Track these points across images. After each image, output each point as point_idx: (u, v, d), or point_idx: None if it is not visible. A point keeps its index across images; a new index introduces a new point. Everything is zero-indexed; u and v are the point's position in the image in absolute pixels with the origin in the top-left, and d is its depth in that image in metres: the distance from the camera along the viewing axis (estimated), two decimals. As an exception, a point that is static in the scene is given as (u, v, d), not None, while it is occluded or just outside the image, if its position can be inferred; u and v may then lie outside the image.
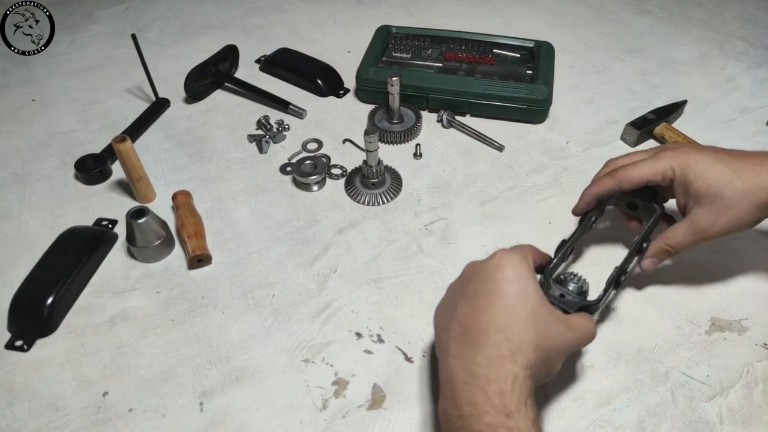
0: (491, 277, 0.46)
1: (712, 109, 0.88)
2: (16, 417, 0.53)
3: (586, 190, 0.60)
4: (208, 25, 1.10)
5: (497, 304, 0.44)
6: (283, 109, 0.88)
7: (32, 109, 0.90)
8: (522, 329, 0.43)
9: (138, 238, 0.64)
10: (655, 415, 0.52)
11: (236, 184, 0.76)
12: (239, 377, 0.56)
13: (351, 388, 0.55)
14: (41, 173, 0.79)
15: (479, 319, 0.44)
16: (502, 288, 0.45)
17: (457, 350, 0.44)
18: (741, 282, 0.63)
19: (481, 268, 0.47)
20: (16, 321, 0.60)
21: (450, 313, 0.47)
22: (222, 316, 0.61)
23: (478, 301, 0.45)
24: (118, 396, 0.54)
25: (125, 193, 0.75)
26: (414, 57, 0.91)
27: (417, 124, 0.82)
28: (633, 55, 0.99)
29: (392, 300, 0.62)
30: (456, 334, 0.45)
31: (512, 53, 0.91)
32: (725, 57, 0.99)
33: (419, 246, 0.68)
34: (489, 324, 0.43)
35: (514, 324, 0.43)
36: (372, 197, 0.73)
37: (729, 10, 1.12)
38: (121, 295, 0.63)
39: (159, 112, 0.88)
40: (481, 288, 0.46)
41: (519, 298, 0.44)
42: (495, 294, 0.45)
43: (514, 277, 0.45)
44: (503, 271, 0.46)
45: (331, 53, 0.99)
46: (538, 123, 0.85)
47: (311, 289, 0.64)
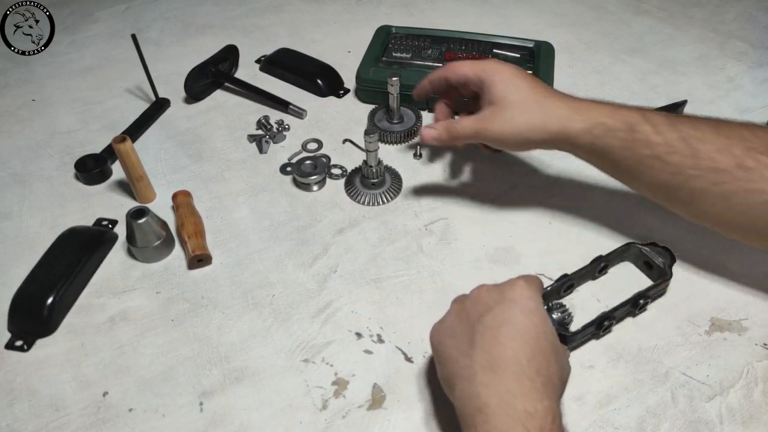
0: (511, 308, 0.45)
1: (712, 109, 0.87)
2: (16, 417, 0.53)
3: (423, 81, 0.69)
4: (208, 25, 1.10)
5: (524, 335, 0.43)
6: (283, 109, 0.88)
7: (32, 109, 0.90)
8: (550, 362, 0.43)
9: (138, 238, 0.64)
10: (655, 415, 0.52)
11: (236, 184, 0.76)
12: (239, 377, 0.56)
13: (351, 388, 0.55)
14: (41, 173, 0.79)
15: (507, 347, 0.43)
16: (525, 320, 0.44)
17: (487, 378, 0.42)
18: (741, 282, 0.63)
19: (500, 297, 0.46)
20: (16, 321, 0.60)
21: (466, 339, 0.45)
22: (222, 316, 0.61)
23: (502, 330, 0.44)
24: (118, 396, 0.54)
25: (125, 193, 0.75)
26: (414, 57, 0.91)
27: (417, 124, 0.82)
28: (633, 55, 0.99)
29: (392, 300, 0.62)
30: (482, 361, 0.43)
31: (512, 53, 0.91)
32: (725, 57, 0.99)
33: (419, 246, 0.68)
34: (519, 353, 0.42)
35: (542, 356, 0.43)
36: (372, 197, 0.73)
37: (729, 10, 1.12)
38: (121, 295, 0.63)
39: (159, 112, 0.88)
40: (501, 317, 0.45)
41: (542, 331, 0.44)
42: (519, 324, 0.44)
43: (534, 310, 0.45)
44: (524, 302, 0.45)
45: (331, 53, 0.99)
46: (538, 123, 0.85)
47: (311, 289, 0.64)
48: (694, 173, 0.52)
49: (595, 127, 0.56)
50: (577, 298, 0.62)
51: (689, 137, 0.52)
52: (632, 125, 0.54)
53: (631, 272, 0.65)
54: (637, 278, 0.64)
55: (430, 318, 0.58)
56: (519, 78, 0.60)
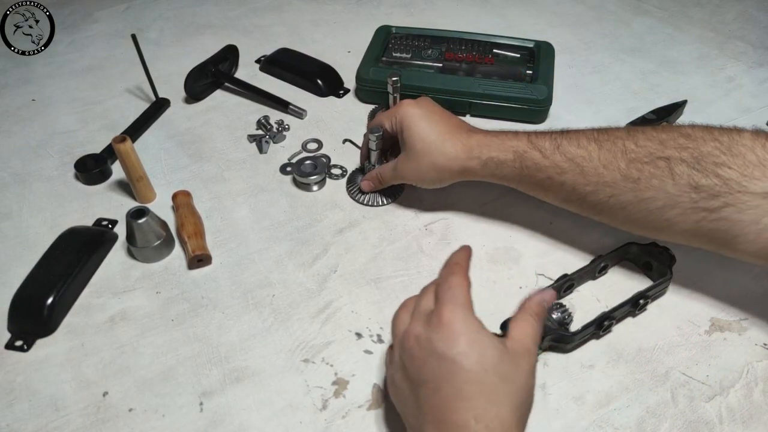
0: (446, 357, 0.42)
1: (712, 109, 0.88)
2: (16, 417, 0.53)
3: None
4: (208, 25, 1.10)
5: (465, 388, 0.41)
6: (283, 109, 0.88)
7: (32, 109, 0.90)
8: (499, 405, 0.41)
9: (138, 238, 0.64)
10: (655, 416, 0.52)
11: (236, 184, 0.76)
12: (239, 377, 0.56)
13: (351, 388, 0.55)
14: (41, 173, 0.79)
15: (452, 409, 0.41)
16: (462, 366, 0.41)
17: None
18: (741, 282, 0.63)
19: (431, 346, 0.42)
20: (16, 321, 0.60)
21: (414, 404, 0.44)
22: (222, 316, 0.61)
23: (443, 390, 0.41)
24: (118, 396, 0.54)
25: (125, 193, 0.75)
26: (414, 57, 0.91)
27: (417, 124, 0.82)
28: (633, 55, 1.00)
29: (392, 300, 0.62)
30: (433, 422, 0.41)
31: (512, 53, 0.91)
32: (725, 57, 0.99)
33: (419, 246, 0.68)
34: (467, 414, 0.40)
35: (489, 403, 0.40)
36: (373, 197, 0.73)
37: (729, 10, 1.12)
38: (121, 295, 0.63)
39: (159, 112, 0.88)
40: (439, 373, 0.42)
41: (482, 368, 0.41)
42: (457, 376, 0.41)
43: (468, 347, 0.41)
44: (456, 345, 0.42)
45: (331, 53, 0.99)
46: (538, 123, 0.85)
47: (311, 289, 0.64)
48: (589, 189, 0.56)
49: (489, 162, 0.62)
50: (577, 298, 0.62)
51: (575, 157, 0.57)
52: (521, 154, 0.60)
53: (631, 272, 0.65)
54: (637, 279, 0.64)
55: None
56: (425, 121, 0.64)
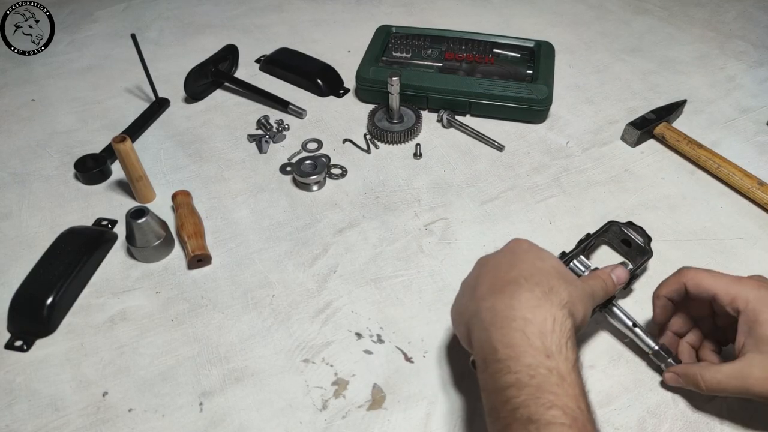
0: (509, 250, 0.49)
1: (712, 109, 0.87)
2: (15, 417, 0.53)
3: (654, 292, 0.54)
4: (208, 24, 1.10)
5: (520, 264, 0.46)
6: (283, 109, 0.88)
7: (32, 109, 0.90)
8: (549, 276, 0.45)
9: (138, 238, 0.64)
10: (655, 416, 0.52)
11: (236, 184, 0.76)
12: (239, 377, 0.56)
13: (351, 388, 0.55)
14: (41, 173, 0.79)
15: (506, 275, 0.46)
16: (522, 254, 0.48)
17: (490, 303, 0.44)
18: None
19: (498, 250, 0.50)
20: (16, 321, 0.60)
21: (472, 290, 0.48)
22: (222, 316, 0.61)
23: (501, 266, 0.47)
24: (118, 396, 0.54)
25: (125, 193, 0.75)
26: (414, 57, 0.91)
27: (417, 124, 0.82)
28: (633, 55, 0.99)
29: (392, 300, 0.62)
30: (485, 292, 0.45)
31: (512, 53, 0.91)
32: (725, 57, 0.99)
33: (419, 246, 0.68)
34: (518, 276, 0.45)
35: (540, 274, 0.45)
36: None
37: (729, 9, 1.12)
38: (121, 295, 0.63)
39: (159, 112, 0.88)
40: (501, 260, 0.48)
41: (539, 258, 0.48)
42: (517, 257, 0.48)
43: (529, 248, 0.49)
44: (519, 245, 0.50)
45: (331, 53, 0.99)
46: (538, 123, 0.85)
47: (311, 289, 0.64)
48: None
49: None
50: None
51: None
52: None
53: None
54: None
55: (431, 318, 0.58)
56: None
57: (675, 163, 0.78)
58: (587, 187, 0.75)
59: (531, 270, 0.45)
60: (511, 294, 0.43)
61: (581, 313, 0.45)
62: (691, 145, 0.77)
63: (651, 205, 0.72)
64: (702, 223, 0.70)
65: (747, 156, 0.78)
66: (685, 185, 0.75)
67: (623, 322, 0.55)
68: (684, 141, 0.78)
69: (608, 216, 0.70)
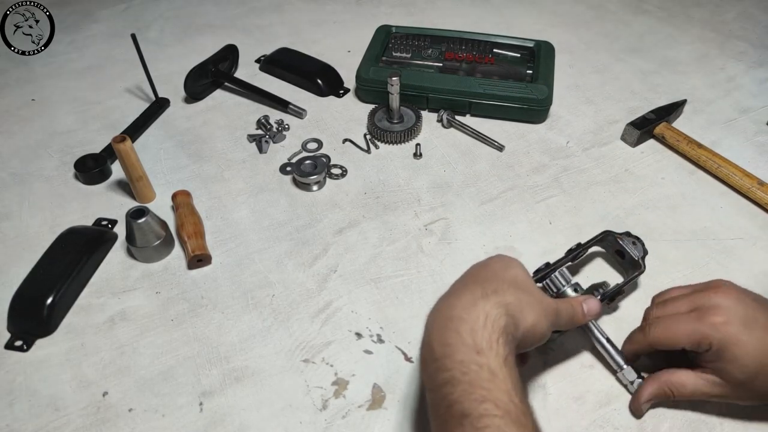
0: (483, 261, 0.50)
1: (712, 109, 0.87)
2: (16, 417, 0.53)
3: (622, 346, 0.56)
4: (208, 24, 1.10)
5: (483, 272, 0.48)
6: (283, 109, 0.88)
7: (32, 109, 0.90)
8: (501, 282, 0.46)
9: (138, 238, 0.64)
10: (655, 416, 0.52)
11: (236, 184, 0.76)
12: (239, 377, 0.56)
13: (351, 388, 0.55)
14: (41, 173, 0.79)
15: (463, 280, 0.48)
16: (492, 264, 0.49)
17: (437, 306, 0.46)
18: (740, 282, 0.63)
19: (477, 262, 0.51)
20: (16, 321, 0.60)
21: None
22: (222, 316, 0.61)
23: (467, 275, 0.49)
24: (118, 396, 0.54)
25: (125, 193, 0.75)
26: (414, 57, 0.91)
27: (417, 124, 0.82)
28: (633, 55, 0.99)
29: (392, 300, 0.62)
30: (441, 298, 0.47)
31: (512, 53, 0.91)
32: (725, 57, 0.99)
33: (419, 246, 0.68)
34: (471, 281, 0.46)
35: (494, 279, 0.46)
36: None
37: (729, 9, 1.12)
38: (121, 295, 0.63)
39: (159, 112, 0.88)
40: (471, 270, 0.50)
41: (504, 267, 0.48)
42: (485, 267, 0.49)
43: (501, 259, 0.50)
44: (497, 257, 0.51)
45: (331, 53, 0.99)
46: (538, 123, 0.85)
47: (311, 289, 0.64)
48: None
49: None
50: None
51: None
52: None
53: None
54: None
55: (430, 318, 0.58)
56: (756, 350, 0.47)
57: (675, 163, 0.78)
58: (587, 187, 0.75)
59: (487, 276, 0.47)
60: (457, 295, 0.45)
61: (530, 322, 0.45)
62: (691, 145, 0.77)
63: (651, 205, 0.72)
64: (702, 223, 0.70)
65: (747, 156, 0.78)
66: (685, 185, 0.75)
67: (596, 338, 0.55)
68: (684, 141, 0.78)
69: (608, 216, 0.70)
